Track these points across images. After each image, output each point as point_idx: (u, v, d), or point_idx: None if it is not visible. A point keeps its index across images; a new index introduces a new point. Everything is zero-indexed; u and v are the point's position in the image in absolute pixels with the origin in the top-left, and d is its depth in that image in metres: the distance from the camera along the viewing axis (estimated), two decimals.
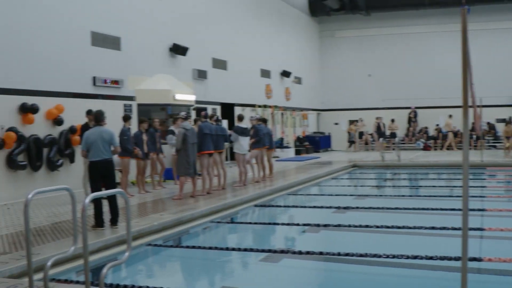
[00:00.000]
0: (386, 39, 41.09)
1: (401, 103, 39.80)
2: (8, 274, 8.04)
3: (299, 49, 38.97)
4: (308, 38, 41.15)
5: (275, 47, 34.83)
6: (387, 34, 40.97)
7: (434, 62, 39.56)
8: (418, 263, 8.84)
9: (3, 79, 15.53)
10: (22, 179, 15.99)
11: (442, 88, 38.18)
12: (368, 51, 41.49)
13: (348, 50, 42.10)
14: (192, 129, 15.48)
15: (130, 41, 20.62)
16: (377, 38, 41.27)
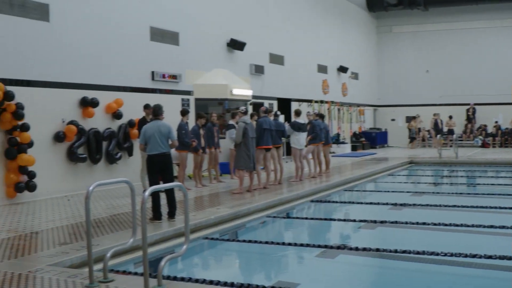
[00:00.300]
0: (444, 35, 40.39)
1: (459, 100, 39.15)
2: (69, 264, 8.17)
3: (356, 44, 38.68)
4: (365, 33, 40.81)
5: (332, 42, 34.64)
6: (445, 29, 40.28)
7: (492, 57, 38.79)
8: (477, 262, 8.69)
9: (65, 73, 15.79)
10: (82, 172, 16.24)
11: (501, 84, 37.50)
12: (425, 46, 40.88)
13: (405, 46, 41.57)
14: (251, 123, 15.50)
15: (189, 36, 20.74)
16: (435, 34, 40.62)
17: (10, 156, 13.90)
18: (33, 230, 10.56)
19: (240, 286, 7.29)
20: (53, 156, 15.44)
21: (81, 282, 6.87)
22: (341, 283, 8.24)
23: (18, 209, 13.23)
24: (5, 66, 14.14)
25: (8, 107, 13.69)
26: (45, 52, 15.22)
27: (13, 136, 13.95)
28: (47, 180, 15.02)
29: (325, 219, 13.37)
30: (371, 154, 30.98)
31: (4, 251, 8.83)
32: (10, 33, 14.30)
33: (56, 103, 15.46)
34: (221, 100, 21.79)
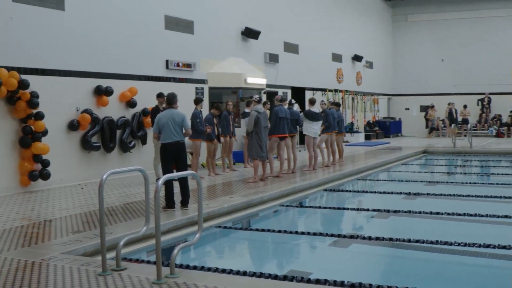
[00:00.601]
0: (460, 24, 40.12)
1: (474, 89, 38.94)
2: (82, 252, 8.20)
3: (371, 33, 38.50)
4: (381, 22, 40.63)
5: (347, 31, 34.49)
6: (461, 18, 40.01)
7: (508, 47, 38.49)
8: (491, 252, 8.65)
9: (79, 62, 15.81)
10: (96, 160, 16.28)
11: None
12: (441, 35, 40.64)
13: (420, 35, 41.32)
14: (265, 112, 15.46)
15: (203, 25, 20.71)
16: (450, 23, 40.36)
17: (25, 144, 13.95)
18: (47, 218, 10.60)
19: (253, 275, 7.29)
20: (67, 144, 15.48)
21: (94, 270, 6.89)
22: (354, 272, 8.21)
23: (32, 197, 13.28)
24: (20, 54, 14.17)
25: (23, 95, 13.73)
26: (60, 40, 15.24)
27: (28, 125, 14.00)
28: (61, 168, 15.07)
29: (338, 208, 13.33)
30: (385, 144, 30.89)
31: (17, 239, 8.87)
32: (25, 22, 14.32)
33: (71, 92, 15.49)
34: (235, 89, 21.77)
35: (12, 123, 13.93)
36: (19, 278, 6.71)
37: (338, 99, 31.47)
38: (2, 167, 13.72)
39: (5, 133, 13.78)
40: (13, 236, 9.12)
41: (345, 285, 6.89)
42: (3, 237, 9.00)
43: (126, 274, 6.69)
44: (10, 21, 13.95)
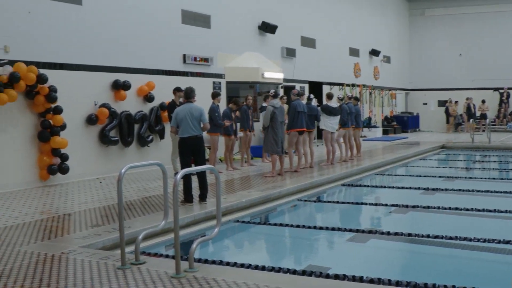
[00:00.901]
0: (478, 18, 39.82)
1: (492, 84, 38.68)
2: (101, 246, 8.22)
3: (388, 27, 38.36)
4: (398, 16, 40.45)
5: (364, 26, 34.38)
6: (479, 12, 39.71)
7: None
8: (510, 249, 8.60)
9: (97, 56, 15.86)
10: (113, 154, 16.34)
11: None
12: (458, 30, 40.34)
13: (438, 29, 41.05)
14: (281, 107, 15.42)
15: (220, 19, 20.71)
16: (468, 17, 40.07)
17: (43, 138, 14.02)
18: (66, 212, 10.65)
19: (271, 270, 7.29)
20: (86, 138, 15.54)
21: (113, 264, 6.91)
22: (372, 267, 8.18)
23: (51, 191, 13.35)
24: (39, 49, 14.23)
25: (41, 90, 13.80)
26: (77, 35, 15.29)
27: (46, 119, 14.08)
28: (79, 162, 15.14)
29: (356, 203, 13.28)
30: (403, 138, 30.77)
31: (37, 233, 8.92)
32: (43, 16, 14.38)
33: (89, 86, 15.54)
34: (253, 83, 21.77)
35: (31, 118, 14.01)
36: (39, 271, 6.75)
37: (355, 93, 31.37)
38: (21, 161, 13.81)
39: (24, 128, 13.87)
40: (33, 229, 9.17)
41: (364, 280, 6.87)
42: (23, 231, 9.06)
43: (145, 268, 6.70)
44: (28, 15, 14.01)
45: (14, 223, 9.71)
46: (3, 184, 13.36)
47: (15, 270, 6.81)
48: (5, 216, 10.35)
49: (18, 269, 6.85)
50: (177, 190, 6.35)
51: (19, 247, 7.97)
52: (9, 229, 9.20)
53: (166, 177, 7.39)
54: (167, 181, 7.40)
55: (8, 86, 13.07)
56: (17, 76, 13.10)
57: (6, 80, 13.02)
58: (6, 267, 6.94)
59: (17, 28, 13.75)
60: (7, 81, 13.04)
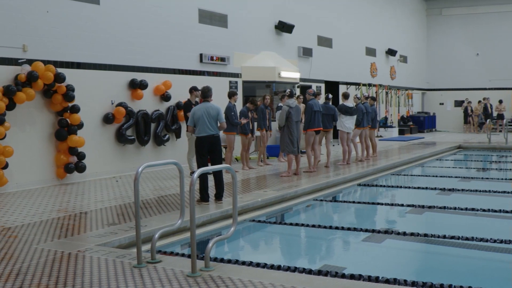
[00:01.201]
0: (495, 17, 39.56)
1: (510, 84, 38.38)
2: (117, 244, 8.24)
3: (405, 27, 38.22)
4: (415, 16, 40.29)
5: (381, 25, 34.29)
6: (496, 12, 39.46)
7: None
8: None
9: (114, 55, 15.91)
10: (130, 153, 16.39)
11: None
12: (476, 29, 40.11)
13: (455, 29, 40.84)
14: (297, 106, 15.39)
15: (237, 19, 20.73)
16: (485, 16, 39.83)
17: (61, 137, 14.09)
18: (82, 210, 10.70)
19: (287, 269, 7.28)
20: (102, 137, 15.60)
21: (129, 262, 6.93)
22: (388, 268, 8.17)
23: (67, 190, 13.42)
24: (56, 48, 14.30)
25: (59, 89, 13.87)
26: (95, 34, 15.35)
27: (64, 118, 14.14)
28: (96, 161, 15.20)
29: (371, 203, 13.23)
30: (419, 138, 30.66)
31: (54, 231, 8.96)
32: (61, 16, 14.44)
33: (106, 85, 15.60)
34: (269, 83, 21.77)
35: (48, 116, 14.09)
36: (56, 269, 6.78)
37: (371, 93, 31.29)
38: (39, 159, 13.88)
39: (41, 126, 13.94)
40: (50, 227, 9.22)
41: (379, 280, 6.85)
42: (40, 229, 9.11)
43: (161, 267, 6.72)
44: (46, 14, 14.08)
45: (31, 221, 9.76)
46: (21, 182, 13.44)
47: (32, 268, 6.85)
48: (22, 214, 10.41)
49: (35, 267, 6.89)
50: (193, 189, 6.36)
51: (36, 245, 8.01)
52: (26, 227, 9.25)
53: (183, 176, 7.40)
54: (183, 180, 7.42)
55: (26, 85, 13.16)
56: (35, 75, 13.17)
57: (25, 79, 13.11)
58: (23, 264, 6.98)
59: (35, 28, 13.83)
60: (25, 80, 13.12)
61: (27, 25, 13.64)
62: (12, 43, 13.29)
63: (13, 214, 10.37)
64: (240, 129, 16.44)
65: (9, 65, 13.15)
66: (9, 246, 7.94)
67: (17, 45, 13.38)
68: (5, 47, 13.11)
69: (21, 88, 13.01)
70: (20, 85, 13.01)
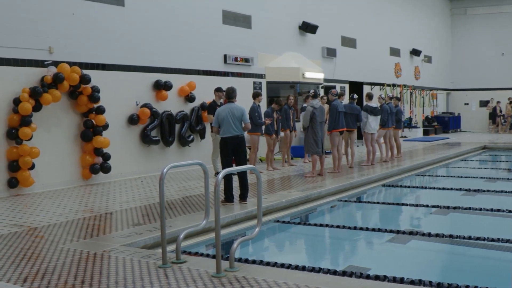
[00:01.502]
0: None
1: None
2: (142, 244, 8.28)
3: (429, 27, 38.01)
4: (439, 15, 40.06)
5: (405, 25, 34.13)
6: None
7: None
8: None
9: (139, 57, 15.99)
10: (155, 154, 16.46)
11: None
12: (501, 29, 39.75)
13: (480, 28, 40.54)
14: (321, 107, 15.36)
15: (261, 20, 20.74)
16: (510, 15, 39.47)
17: (86, 138, 14.19)
18: (108, 211, 10.76)
19: (312, 270, 7.27)
20: (127, 138, 15.69)
21: (154, 263, 6.96)
22: (413, 269, 8.12)
23: (93, 190, 13.50)
24: (81, 50, 14.39)
25: (84, 90, 13.97)
26: (120, 36, 15.44)
27: (89, 119, 14.24)
28: (121, 161, 15.28)
29: (396, 204, 13.17)
30: (444, 139, 30.48)
31: (80, 231, 9.02)
32: (86, 18, 14.54)
33: (130, 86, 15.68)
34: (293, 83, 21.76)
35: (74, 117, 14.19)
36: (82, 268, 6.83)
37: (396, 93, 31.16)
38: (64, 160, 13.99)
39: (67, 127, 14.05)
40: (76, 227, 9.28)
41: (404, 281, 6.82)
42: (66, 229, 9.18)
43: (186, 267, 6.74)
44: (72, 17, 14.18)
45: (57, 221, 9.84)
46: (47, 182, 13.56)
47: (59, 267, 6.91)
48: (49, 214, 10.50)
49: (62, 266, 6.95)
50: (218, 190, 6.37)
51: (62, 244, 8.08)
52: (52, 227, 9.33)
53: (208, 177, 7.42)
54: (208, 181, 7.44)
55: (52, 86, 13.26)
56: (61, 77, 13.28)
57: (51, 81, 13.21)
58: (50, 264, 7.04)
59: (61, 30, 13.94)
60: (51, 81, 13.23)
61: (53, 28, 13.76)
62: (39, 45, 13.41)
63: (39, 215, 10.46)
64: (265, 129, 16.45)
65: (35, 67, 13.29)
66: (36, 246, 8.02)
67: (43, 47, 13.51)
68: (31, 49, 13.23)
69: (47, 90, 13.12)
70: (46, 87, 13.13)
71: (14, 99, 12.71)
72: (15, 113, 12.65)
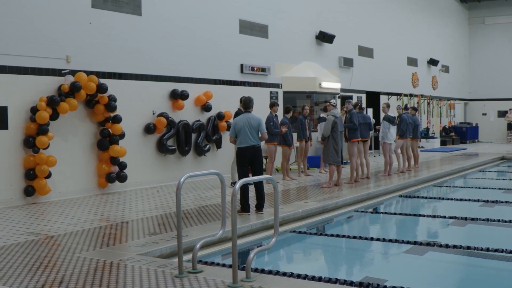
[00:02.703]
0: None
1: None
2: (158, 254, 8.31)
3: (447, 36, 37.94)
4: (457, 25, 39.98)
5: (422, 35, 34.08)
6: None
7: None
8: None
9: (155, 66, 16.06)
10: (171, 163, 16.50)
11: None
12: None
13: (498, 38, 40.41)
14: (341, 117, 15.38)
15: (277, 29, 20.78)
16: None
17: (103, 147, 14.26)
18: (124, 220, 10.80)
19: (328, 281, 7.26)
20: (144, 147, 15.74)
21: (170, 272, 6.98)
22: (430, 280, 8.10)
23: (109, 199, 13.56)
24: (99, 59, 14.49)
25: (101, 99, 14.04)
26: (136, 45, 15.52)
27: (106, 128, 14.31)
28: (137, 171, 15.33)
29: (413, 214, 13.15)
30: (461, 150, 30.36)
31: (96, 240, 9.06)
32: (104, 27, 14.64)
33: (147, 96, 15.75)
34: (310, 93, 21.78)
35: (90, 126, 14.27)
36: (98, 277, 6.86)
37: (413, 103, 31.07)
38: (81, 169, 14.06)
39: (84, 136, 14.13)
40: (92, 236, 9.33)
41: None
42: (83, 237, 9.22)
43: (202, 277, 6.75)
44: (89, 26, 14.28)
45: (73, 229, 9.89)
46: (63, 191, 13.63)
47: (75, 276, 6.94)
48: (65, 222, 10.55)
49: (78, 275, 6.98)
50: (235, 200, 6.39)
51: (79, 253, 8.12)
52: (69, 236, 9.37)
53: (225, 186, 7.45)
54: (225, 190, 7.46)
55: (69, 95, 13.36)
56: (78, 86, 13.37)
57: (68, 90, 13.30)
58: (66, 272, 7.08)
59: (78, 39, 14.04)
60: (69, 90, 13.32)
61: (70, 37, 13.86)
62: (56, 54, 13.52)
63: (55, 223, 10.52)
64: (283, 140, 16.46)
65: (53, 76, 13.38)
66: (53, 255, 8.06)
67: (60, 56, 13.61)
68: (49, 58, 13.34)
69: (64, 99, 13.21)
70: (63, 96, 13.22)
71: (31, 108, 12.81)
72: (32, 121, 12.74)
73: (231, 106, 17.18)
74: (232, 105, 16.84)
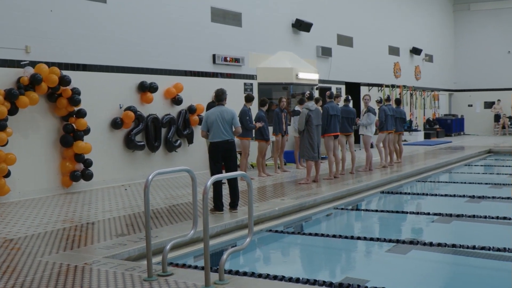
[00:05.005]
0: None
1: None
2: (126, 256, 8.26)
3: (430, 24, 38.12)
4: (441, 11, 40.19)
5: (404, 22, 34.21)
6: None
7: None
8: None
9: (122, 57, 15.98)
10: (140, 160, 16.44)
11: None
12: (506, 25, 39.87)
13: (484, 25, 40.62)
14: (317, 109, 15.34)
15: (252, 17, 20.76)
16: None
17: (66, 143, 14.15)
18: (89, 221, 10.73)
19: (306, 282, 7.27)
20: (110, 143, 15.67)
21: (139, 276, 6.94)
22: (414, 280, 8.15)
23: (73, 199, 13.47)
24: (61, 49, 14.38)
25: (64, 92, 13.93)
26: (102, 35, 15.43)
27: (69, 123, 14.21)
28: (103, 168, 15.26)
29: (396, 211, 13.23)
30: (446, 143, 30.57)
31: (59, 242, 9.00)
32: (66, 15, 14.52)
33: (114, 88, 15.67)
34: (286, 85, 21.77)
35: (53, 121, 14.16)
36: (61, 282, 6.80)
37: (395, 95, 31.21)
38: (43, 167, 13.95)
39: (46, 132, 14.02)
40: (55, 239, 9.25)
41: None
42: (45, 240, 9.14)
43: (173, 280, 6.73)
44: (50, 14, 14.16)
45: (35, 232, 9.81)
46: (24, 191, 13.52)
47: (36, 281, 6.88)
48: (26, 224, 10.46)
49: (39, 280, 6.92)
50: (207, 198, 6.37)
51: (40, 257, 8.05)
52: (29, 239, 9.29)
53: (196, 184, 7.42)
54: (196, 188, 7.43)
55: (29, 88, 13.23)
56: (39, 78, 13.25)
57: (27, 82, 13.18)
58: (27, 278, 7.01)
59: (38, 28, 13.92)
60: (28, 83, 13.20)
61: (29, 26, 13.73)
62: (14, 44, 13.38)
63: (15, 225, 10.43)
64: (259, 134, 16.43)
65: (11, 68, 13.25)
66: (12, 259, 7.98)
67: (19, 46, 13.49)
68: (7, 48, 13.20)
69: (23, 92, 13.08)
70: (22, 89, 13.09)
71: None
72: None
73: (203, 99, 17.17)
74: (204, 98, 16.84)
